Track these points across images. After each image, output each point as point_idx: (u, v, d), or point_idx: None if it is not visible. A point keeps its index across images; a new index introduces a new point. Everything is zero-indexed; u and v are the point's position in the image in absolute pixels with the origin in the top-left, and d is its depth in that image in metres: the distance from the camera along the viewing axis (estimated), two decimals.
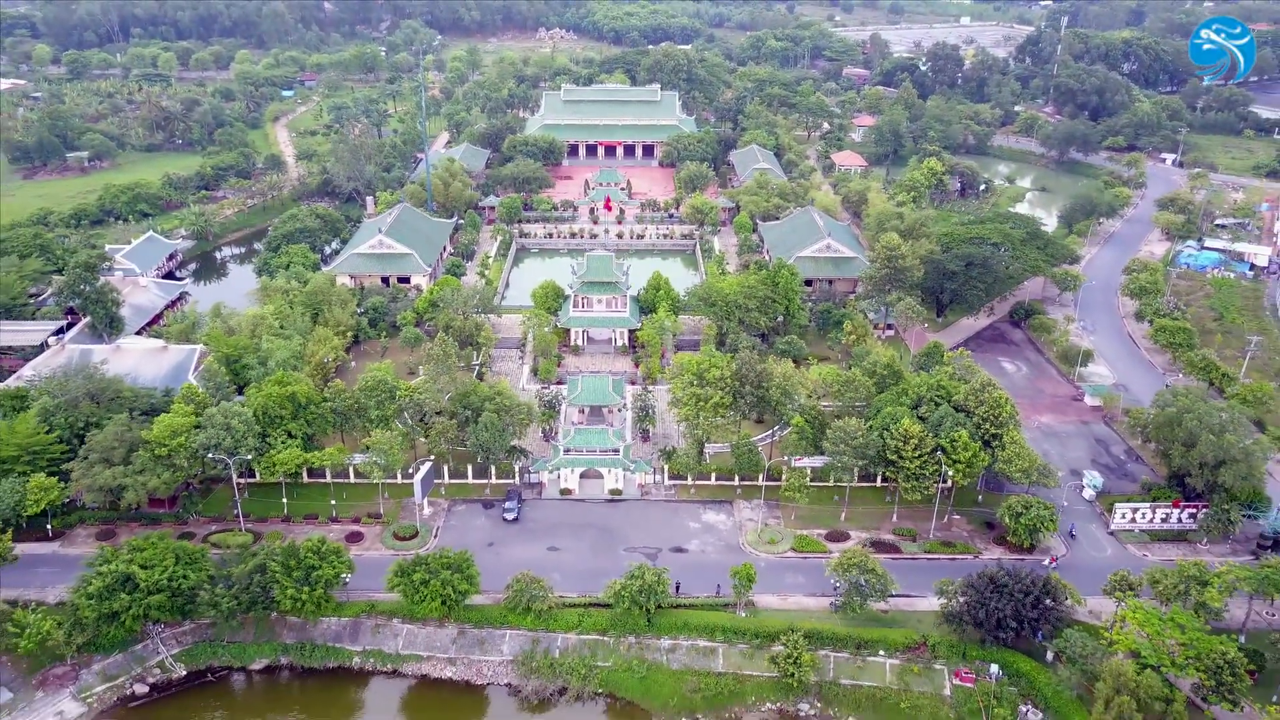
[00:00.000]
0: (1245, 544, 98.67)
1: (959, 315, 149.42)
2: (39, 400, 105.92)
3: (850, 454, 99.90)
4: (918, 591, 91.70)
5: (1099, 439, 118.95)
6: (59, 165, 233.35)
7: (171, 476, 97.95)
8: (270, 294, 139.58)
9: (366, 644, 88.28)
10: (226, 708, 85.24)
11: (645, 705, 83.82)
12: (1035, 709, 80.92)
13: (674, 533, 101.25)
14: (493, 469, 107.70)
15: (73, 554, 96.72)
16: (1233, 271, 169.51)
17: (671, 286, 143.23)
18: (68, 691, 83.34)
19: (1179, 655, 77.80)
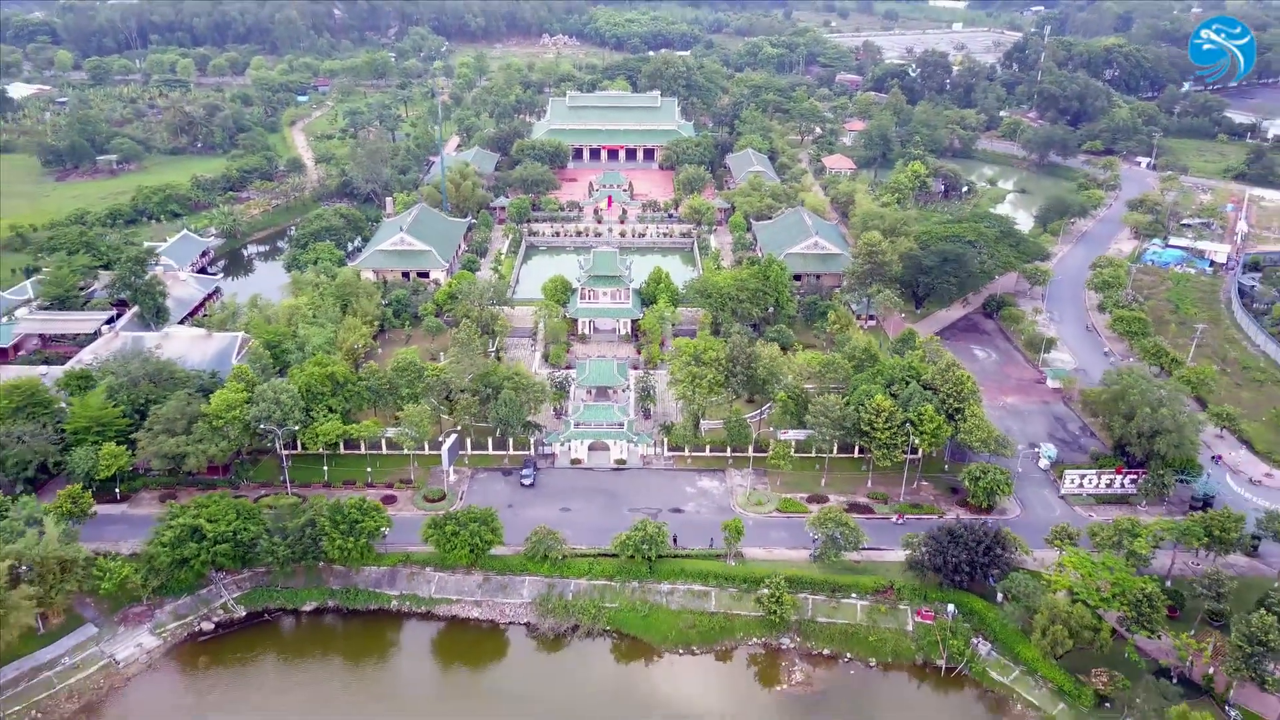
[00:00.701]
0: (1179, 506, 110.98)
1: (935, 307, 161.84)
2: (104, 380, 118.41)
3: (829, 427, 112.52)
4: (887, 546, 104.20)
5: (1057, 417, 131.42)
6: (90, 168, 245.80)
7: (227, 445, 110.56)
8: (301, 287, 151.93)
9: (403, 589, 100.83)
10: (281, 644, 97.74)
11: (647, 640, 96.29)
12: (985, 640, 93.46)
13: (672, 496, 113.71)
14: (511, 441, 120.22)
15: (139, 514, 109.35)
16: (1194, 268, 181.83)
17: (671, 280, 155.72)
18: (145, 627, 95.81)
19: (1107, 593, 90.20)
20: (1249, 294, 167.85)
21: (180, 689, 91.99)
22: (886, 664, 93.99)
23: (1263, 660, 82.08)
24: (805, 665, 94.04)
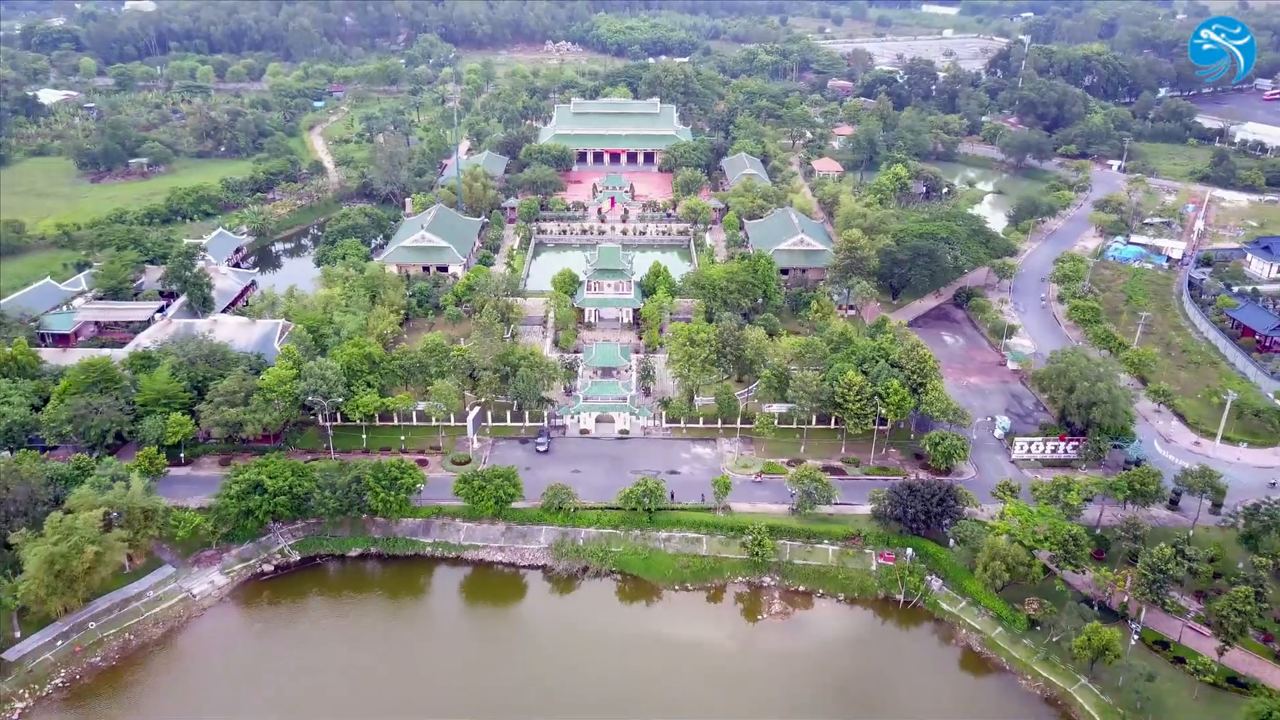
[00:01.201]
0: (1114, 468, 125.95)
1: (910, 298, 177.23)
2: (165, 360, 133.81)
3: (808, 400, 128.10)
4: (856, 502, 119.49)
5: (1014, 394, 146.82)
6: (122, 170, 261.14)
7: (279, 415, 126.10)
8: (333, 279, 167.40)
9: (436, 537, 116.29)
10: (330, 584, 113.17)
11: (648, 579, 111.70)
12: (937, 578, 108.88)
13: (669, 461, 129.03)
14: (527, 413, 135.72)
15: (201, 475, 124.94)
16: (1151, 263, 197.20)
17: (669, 274, 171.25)
18: (215, 568, 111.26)
19: (1040, 536, 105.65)
20: (1198, 286, 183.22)
21: (246, 619, 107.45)
22: (853, 598, 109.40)
23: (1164, 587, 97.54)
24: (783, 600, 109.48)
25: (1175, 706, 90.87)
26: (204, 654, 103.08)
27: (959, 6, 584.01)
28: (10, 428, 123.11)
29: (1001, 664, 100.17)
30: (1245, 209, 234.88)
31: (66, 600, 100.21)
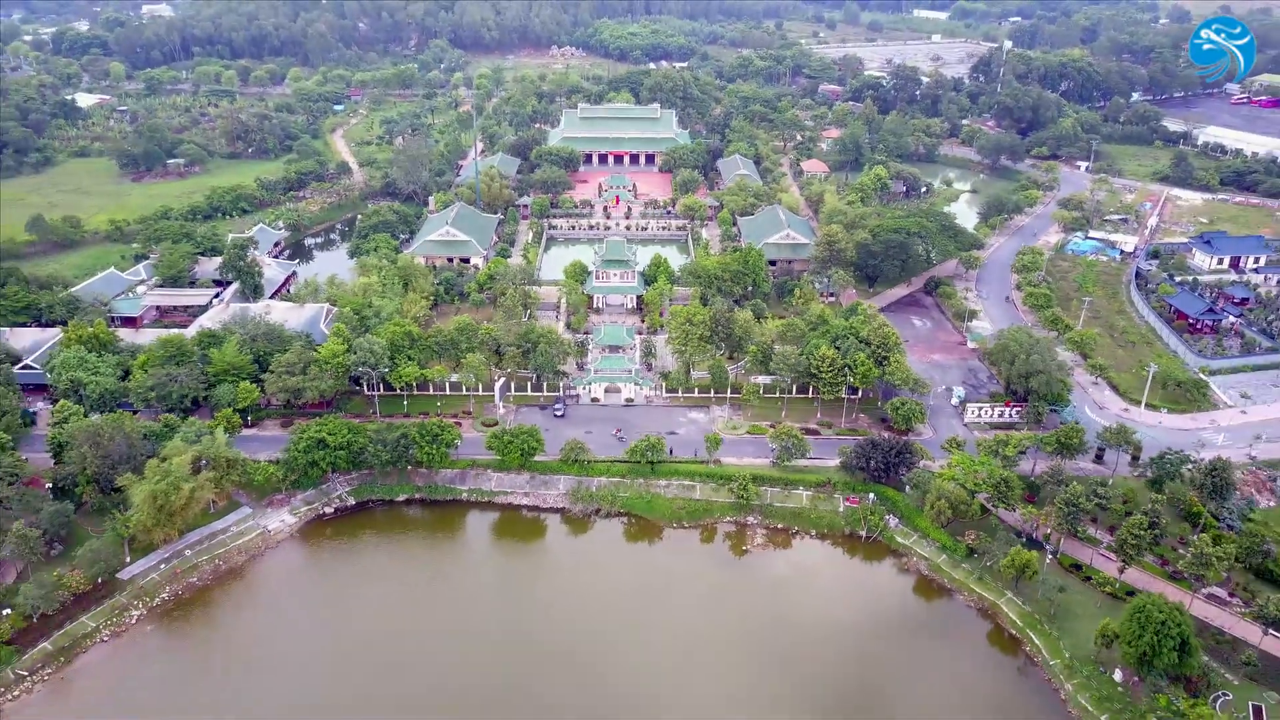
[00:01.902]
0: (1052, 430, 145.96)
1: (885, 286, 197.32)
2: (232, 337, 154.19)
3: (788, 371, 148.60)
4: (828, 457, 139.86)
5: (971, 369, 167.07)
6: (161, 170, 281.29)
7: (333, 384, 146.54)
8: (369, 269, 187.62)
9: (470, 485, 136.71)
10: (381, 524, 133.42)
11: (650, 518, 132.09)
12: (894, 516, 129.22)
13: (669, 424, 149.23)
14: (545, 384, 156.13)
15: (265, 435, 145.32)
16: (1106, 256, 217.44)
17: (669, 265, 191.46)
18: (285, 509, 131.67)
19: (979, 480, 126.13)
20: (1145, 276, 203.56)
21: (312, 551, 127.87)
22: (824, 534, 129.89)
23: (1077, 519, 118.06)
24: (765, 535, 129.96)
25: (1080, 613, 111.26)
26: (278, 577, 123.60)
27: (949, 11, 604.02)
28: (102, 394, 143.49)
29: (945, 584, 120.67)
30: (1199, 207, 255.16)
31: (166, 531, 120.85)
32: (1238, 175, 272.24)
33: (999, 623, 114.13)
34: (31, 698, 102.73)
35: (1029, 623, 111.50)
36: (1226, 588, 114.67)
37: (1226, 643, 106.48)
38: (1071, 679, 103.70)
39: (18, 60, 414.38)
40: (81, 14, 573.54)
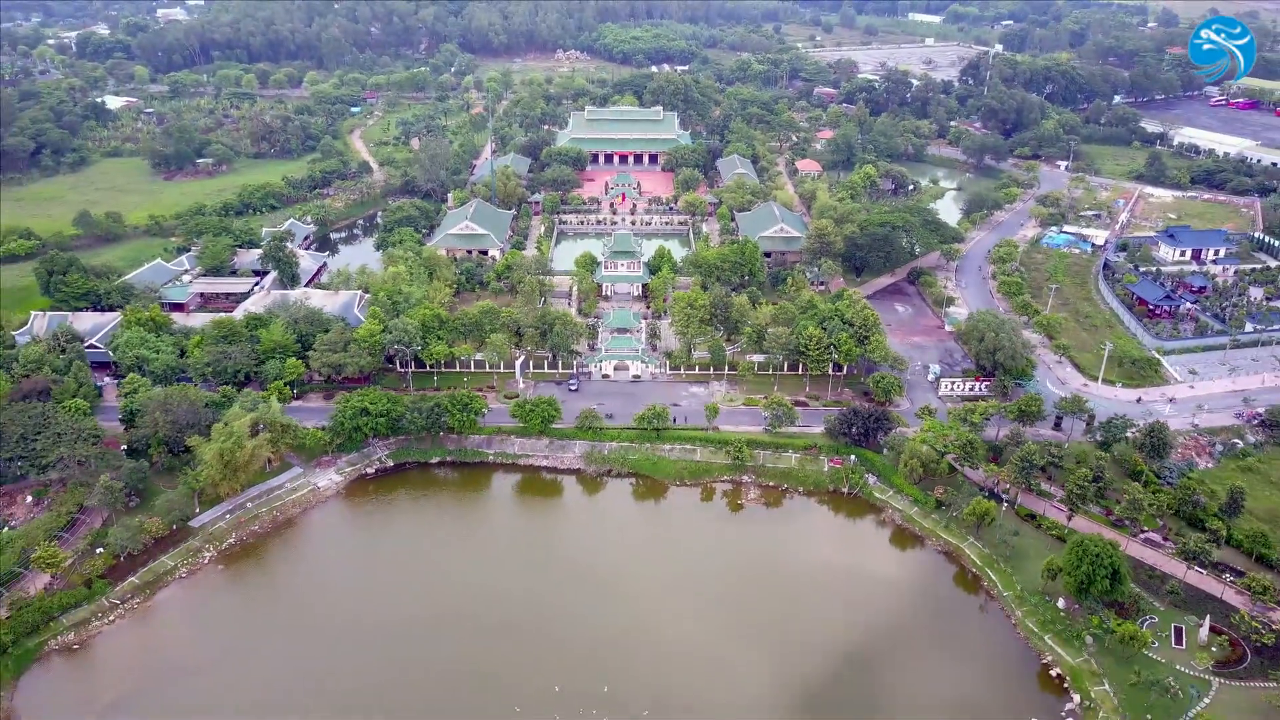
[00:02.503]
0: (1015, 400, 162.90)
1: (871, 276, 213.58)
2: (278, 319, 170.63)
3: (780, 350, 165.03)
4: (815, 425, 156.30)
5: (948, 349, 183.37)
6: (191, 169, 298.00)
7: (371, 360, 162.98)
8: (396, 260, 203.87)
9: (496, 449, 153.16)
10: (416, 483, 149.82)
11: (656, 478, 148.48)
12: (872, 475, 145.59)
13: (672, 397, 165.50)
14: (560, 362, 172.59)
15: (310, 406, 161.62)
16: (1078, 249, 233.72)
17: (672, 256, 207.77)
18: (331, 470, 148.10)
19: (947, 441, 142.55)
20: (1112, 267, 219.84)
21: (356, 506, 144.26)
22: (810, 491, 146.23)
23: (1031, 474, 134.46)
24: (758, 492, 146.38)
25: (1032, 554, 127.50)
26: (326, 527, 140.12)
27: (942, 15, 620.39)
28: (164, 369, 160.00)
29: (916, 532, 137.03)
30: (1169, 204, 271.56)
31: (231, 486, 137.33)
32: (1208, 174, 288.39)
33: (962, 564, 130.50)
34: (122, 622, 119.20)
35: (987, 562, 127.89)
36: (1161, 534, 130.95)
37: (1157, 577, 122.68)
38: (1021, 607, 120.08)
39: (44, 64, 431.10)
40: (97, 17, 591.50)
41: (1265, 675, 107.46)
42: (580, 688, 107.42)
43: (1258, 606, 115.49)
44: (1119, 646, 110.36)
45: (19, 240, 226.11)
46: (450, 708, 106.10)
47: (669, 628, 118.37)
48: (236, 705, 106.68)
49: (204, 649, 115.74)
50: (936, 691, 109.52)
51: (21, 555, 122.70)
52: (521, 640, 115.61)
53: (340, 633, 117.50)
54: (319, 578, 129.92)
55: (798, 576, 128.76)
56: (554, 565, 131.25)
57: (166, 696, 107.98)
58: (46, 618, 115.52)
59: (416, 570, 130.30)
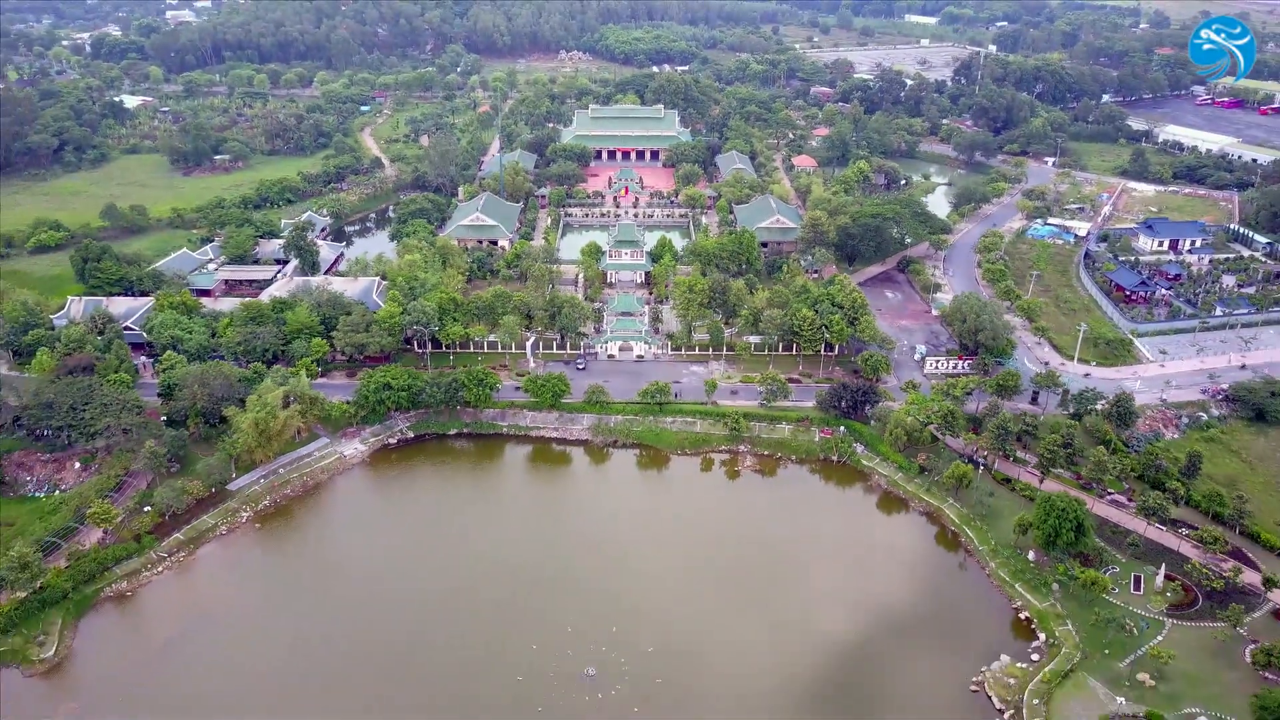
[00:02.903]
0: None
1: (863, 265, 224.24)
2: (302, 302, 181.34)
3: (775, 330, 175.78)
4: (807, 400, 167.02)
5: (934, 332, 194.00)
6: (209, 165, 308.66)
7: (391, 341, 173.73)
8: (411, 249, 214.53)
9: (510, 422, 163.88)
10: (435, 453, 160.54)
11: (659, 448, 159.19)
12: (860, 444, 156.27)
13: (673, 376, 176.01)
14: (568, 343, 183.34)
15: (333, 383, 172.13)
16: (1061, 240, 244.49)
17: (673, 245, 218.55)
18: (356, 440, 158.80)
19: (929, 412, 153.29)
20: (1092, 256, 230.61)
21: (380, 473, 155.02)
22: (802, 459, 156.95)
23: (1006, 441, 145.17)
24: (754, 460, 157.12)
25: (1006, 513, 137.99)
26: (352, 492, 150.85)
27: (938, 17, 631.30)
28: (198, 348, 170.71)
29: (900, 496, 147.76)
30: (1150, 197, 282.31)
31: (264, 453, 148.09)
32: (1189, 169, 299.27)
33: (943, 523, 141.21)
34: (169, 573, 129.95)
35: (965, 521, 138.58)
36: (1126, 495, 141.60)
37: (1120, 534, 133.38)
38: (995, 559, 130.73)
39: (61, 64, 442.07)
40: (107, 19, 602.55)
41: (1214, 616, 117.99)
42: (591, 628, 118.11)
43: (1209, 556, 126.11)
44: (1082, 592, 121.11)
45: (49, 231, 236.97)
46: (470, 645, 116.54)
47: (672, 579, 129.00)
48: (271, 648, 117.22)
49: (242, 598, 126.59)
50: (919, 634, 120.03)
51: (76, 512, 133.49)
52: (535, 590, 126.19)
53: (365, 585, 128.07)
54: (346, 537, 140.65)
55: (790, 536, 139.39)
56: (563, 526, 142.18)
57: (209, 639, 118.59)
58: (101, 568, 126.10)
59: (435, 530, 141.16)
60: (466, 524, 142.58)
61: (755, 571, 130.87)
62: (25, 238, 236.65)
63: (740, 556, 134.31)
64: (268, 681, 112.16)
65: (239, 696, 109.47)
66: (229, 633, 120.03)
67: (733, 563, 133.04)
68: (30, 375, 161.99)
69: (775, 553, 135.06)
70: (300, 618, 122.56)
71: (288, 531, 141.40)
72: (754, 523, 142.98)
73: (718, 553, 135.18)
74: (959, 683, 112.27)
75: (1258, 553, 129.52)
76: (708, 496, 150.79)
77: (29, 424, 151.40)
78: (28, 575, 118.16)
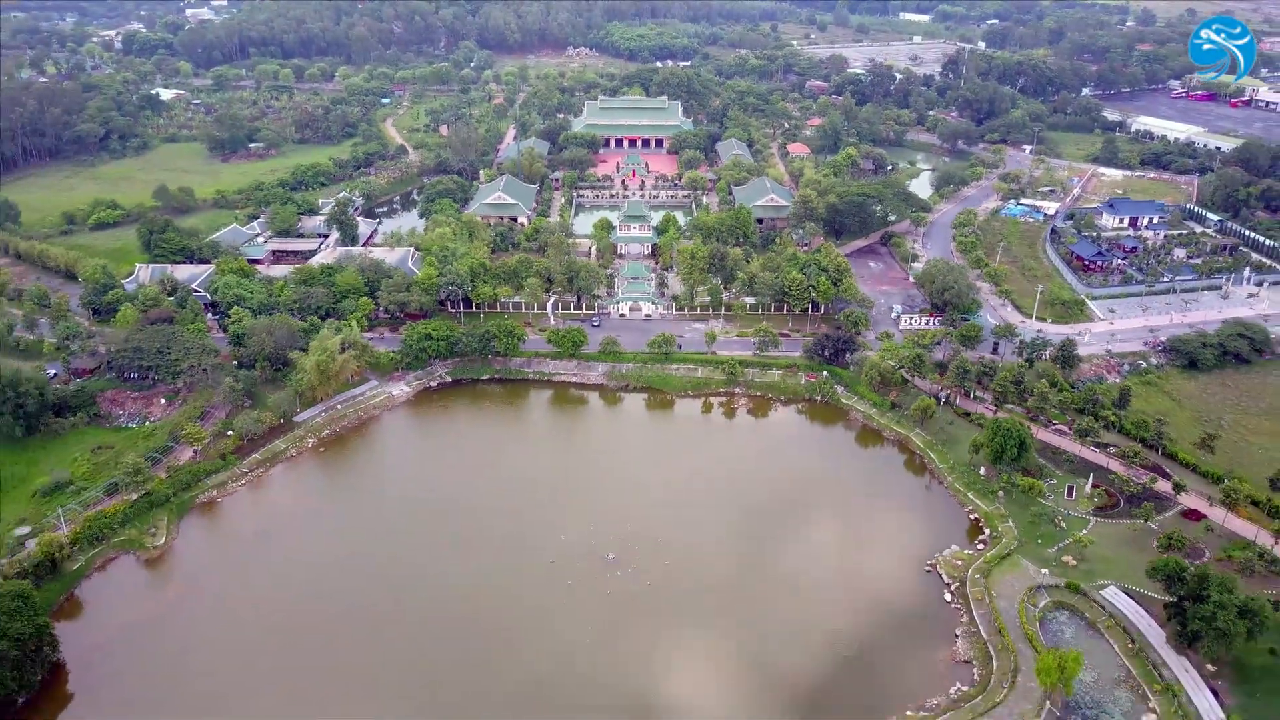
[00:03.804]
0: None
1: (849, 239, 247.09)
2: (347, 268, 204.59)
3: (767, 292, 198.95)
4: (795, 350, 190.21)
5: (910, 295, 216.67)
6: (244, 153, 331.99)
7: (428, 299, 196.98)
8: (439, 223, 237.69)
9: (535, 369, 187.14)
10: (469, 395, 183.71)
11: (665, 391, 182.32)
12: (841, 386, 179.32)
13: (677, 331, 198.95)
14: (584, 304, 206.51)
15: (379, 338, 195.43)
16: (1031, 218, 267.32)
17: (677, 221, 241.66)
18: (402, 383, 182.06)
19: (900, 356, 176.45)
20: (1058, 232, 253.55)
21: (422, 410, 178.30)
22: (790, 399, 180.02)
23: (965, 378, 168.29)
24: (748, 400, 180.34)
25: (963, 439, 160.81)
26: (400, 424, 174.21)
27: (932, 15, 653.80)
28: (259, 305, 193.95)
29: (875, 428, 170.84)
30: (1118, 181, 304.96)
31: (325, 390, 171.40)
32: (1156, 156, 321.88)
33: (910, 449, 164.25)
34: (249, 486, 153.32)
35: (929, 446, 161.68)
36: (1068, 426, 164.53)
37: (1060, 454, 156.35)
38: (952, 475, 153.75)
39: (95, 60, 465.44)
40: (130, 17, 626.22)
41: (1130, 515, 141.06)
42: (610, 527, 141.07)
43: (1131, 469, 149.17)
44: (1022, 496, 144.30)
45: (108, 210, 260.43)
46: (507, 538, 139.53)
47: (677, 493, 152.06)
48: (335, 544, 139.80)
49: (308, 506, 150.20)
50: (887, 531, 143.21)
51: (171, 434, 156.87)
52: (561, 499, 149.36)
53: (412, 498, 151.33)
54: (394, 460, 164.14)
55: (779, 462, 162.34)
56: (583, 453, 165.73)
57: (284, 537, 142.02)
58: (195, 478, 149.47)
59: (472, 456, 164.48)
60: (499, 451, 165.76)
61: (749, 488, 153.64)
62: (85, 215, 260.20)
63: (735, 476, 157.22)
64: (334, 569, 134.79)
65: (312, 582, 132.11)
66: (300, 532, 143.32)
67: (729, 482, 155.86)
68: (115, 328, 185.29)
69: (766, 474, 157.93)
70: (359, 521, 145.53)
71: (346, 455, 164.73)
72: (747, 451, 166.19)
73: (716, 474, 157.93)
74: (917, 565, 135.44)
75: (1174, 468, 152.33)
76: (707, 431, 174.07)
77: (119, 367, 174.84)
78: (139, 479, 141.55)
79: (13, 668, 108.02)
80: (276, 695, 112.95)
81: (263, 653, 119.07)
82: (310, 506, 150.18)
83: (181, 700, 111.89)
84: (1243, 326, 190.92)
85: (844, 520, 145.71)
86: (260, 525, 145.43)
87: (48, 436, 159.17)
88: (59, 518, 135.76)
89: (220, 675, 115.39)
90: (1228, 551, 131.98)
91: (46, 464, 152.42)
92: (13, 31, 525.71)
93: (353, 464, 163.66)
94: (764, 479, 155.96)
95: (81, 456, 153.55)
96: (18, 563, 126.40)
